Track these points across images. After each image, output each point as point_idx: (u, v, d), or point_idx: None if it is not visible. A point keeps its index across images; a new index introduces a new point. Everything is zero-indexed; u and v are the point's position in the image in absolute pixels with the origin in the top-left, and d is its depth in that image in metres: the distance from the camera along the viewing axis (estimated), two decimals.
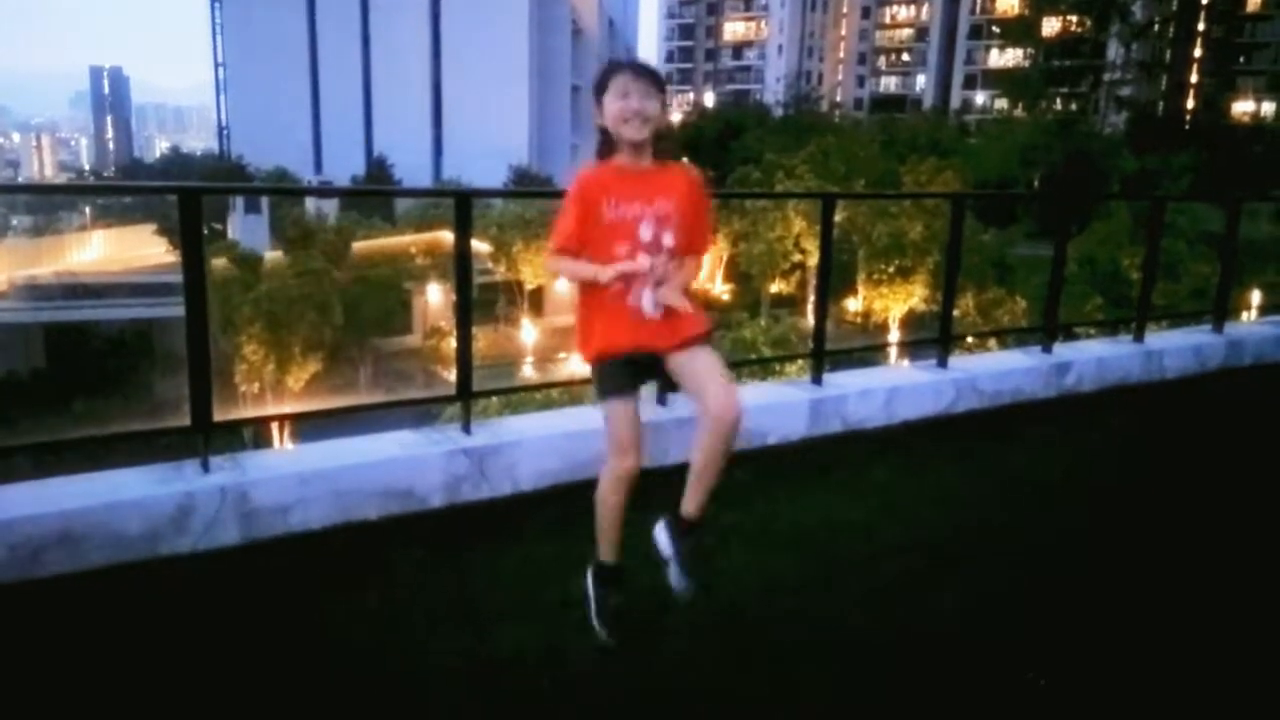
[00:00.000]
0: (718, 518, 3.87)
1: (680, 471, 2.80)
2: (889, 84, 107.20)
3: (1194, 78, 73.49)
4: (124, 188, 51.52)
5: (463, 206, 3.93)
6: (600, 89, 2.75)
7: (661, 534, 2.80)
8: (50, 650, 2.81)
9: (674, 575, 2.75)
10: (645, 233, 2.71)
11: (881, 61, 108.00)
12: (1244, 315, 9.16)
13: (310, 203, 42.69)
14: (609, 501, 2.80)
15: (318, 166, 72.59)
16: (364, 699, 2.62)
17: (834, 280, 5.58)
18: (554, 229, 2.78)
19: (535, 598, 3.14)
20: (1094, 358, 6.24)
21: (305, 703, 2.62)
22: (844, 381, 5.25)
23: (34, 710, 2.56)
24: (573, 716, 2.59)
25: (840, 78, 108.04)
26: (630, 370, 2.79)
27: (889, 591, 3.35)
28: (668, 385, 2.96)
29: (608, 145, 2.77)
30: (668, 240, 2.73)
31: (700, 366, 2.73)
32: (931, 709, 2.71)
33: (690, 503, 2.76)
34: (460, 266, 4.04)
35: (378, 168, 63.82)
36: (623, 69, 2.74)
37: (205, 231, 3.65)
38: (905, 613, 3.21)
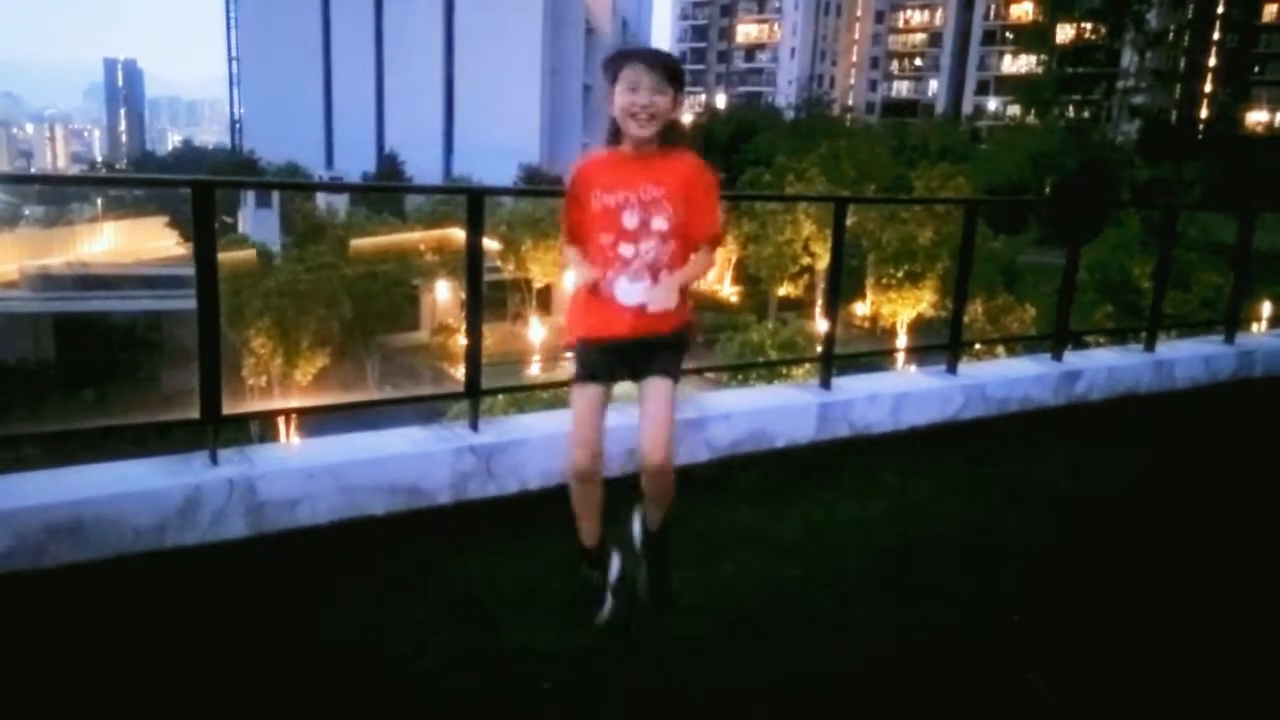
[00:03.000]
0: (723, 519, 3.88)
1: (686, 474, 2.82)
2: (901, 89, 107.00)
3: (1208, 87, 73.28)
4: (138, 180, 51.75)
5: (475, 204, 3.93)
6: (612, 75, 2.67)
7: (636, 527, 2.93)
8: (57, 640, 2.82)
9: (641, 578, 2.90)
10: (629, 220, 2.67)
11: (894, 66, 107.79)
12: (1255, 326, 9.11)
13: (321, 198, 42.83)
14: (573, 490, 2.82)
15: (329, 162, 72.78)
16: (368, 694, 2.62)
17: (843, 284, 5.56)
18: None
19: (540, 596, 3.14)
20: (1104, 367, 6.22)
21: (309, 696, 2.62)
22: (852, 386, 5.23)
23: (40, 699, 2.56)
24: (576, 715, 2.59)
25: (852, 81, 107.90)
26: (606, 360, 2.77)
27: (894, 595, 3.34)
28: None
29: (616, 132, 2.71)
30: (658, 224, 2.67)
31: (647, 397, 2.74)
32: (936, 711, 2.70)
33: (648, 518, 2.89)
34: (472, 264, 4.04)
35: (389, 164, 63.96)
36: (635, 58, 2.65)
37: (216, 225, 3.65)
38: (910, 617, 3.20)
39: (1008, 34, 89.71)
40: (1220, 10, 73.87)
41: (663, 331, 2.74)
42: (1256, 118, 72.44)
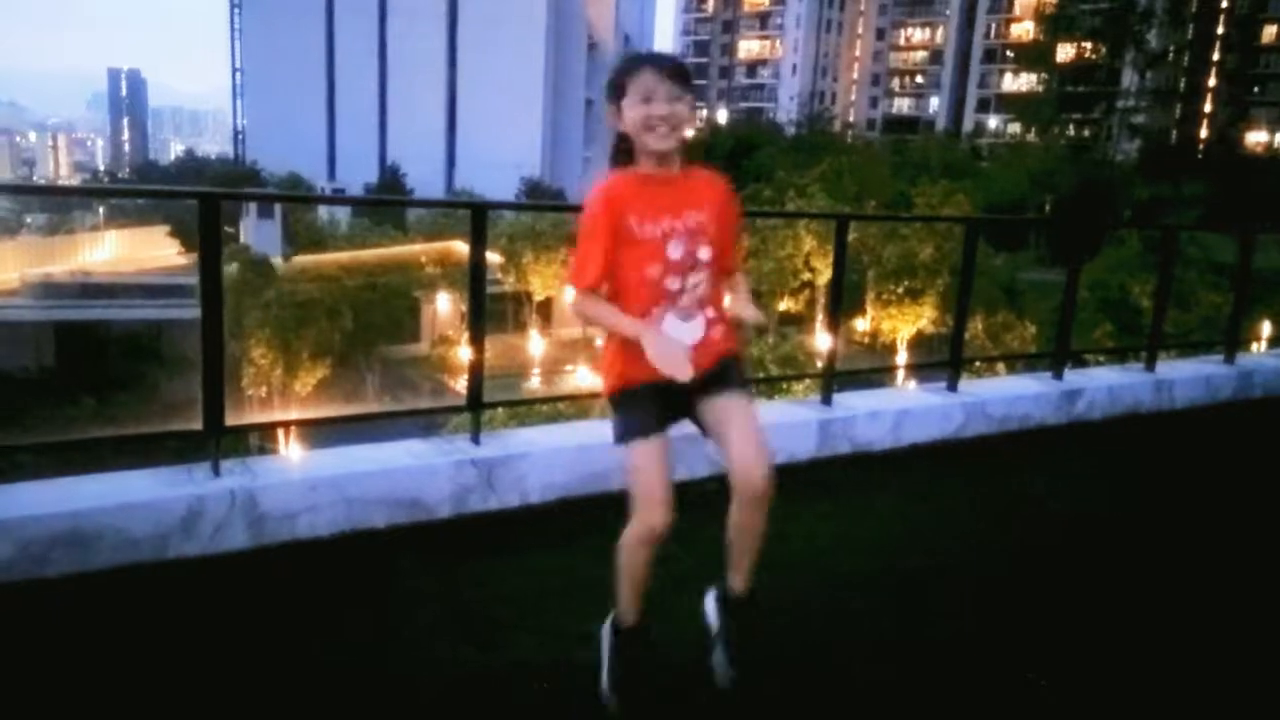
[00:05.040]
0: (720, 536, 3.87)
1: (685, 490, 2.78)
2: (902, 105, 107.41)
3: (1208, 107, 73.59)
4: (145, 191, 52.03)
5: (479, 218, 3.95)
6: (618, 90, 2.37)
7: (711, 605, 2.56)
8: (58, 650, 2.82)
9: (717, 655, 2.52)
10: (675, 251, 2.37)
11: (895, 83, 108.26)
12: (1255, 346, 9.13)
13: (323, 209, 42.93)
14: (634, 559, 2.41)
15: (331, 173, 72.94)
16: (366, 707, 2.62)
17: (843, 300, 5.58)
18: (575, 262, 2.40)
19: (540, 610, 3.14)
20: (1104, 385, 6.23)
21: (308, 709, 2.62)
22: (853, 403, 5.24)
23: (41, 710, 2.56)
24: None
25: (853, 98, 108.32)
26: (656, 403, 2.41)
27: (894, 612, 3.34)
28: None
29: (624, 153, 2.41)
30: (704, 255, 2.40)
31: (727, 414, 2.43)
32: None
33: (734, 577, 2.52)
34: (475, 278, 4.06)
35: (391, 176, 64.14)
36: (645, 66, 2.34)
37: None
38: (908, 634, 3.20)
39: (1008, 52, 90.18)
40: (1220, 31, 74.26)
41: (720, 355, 2.47)
42: (1256, 138, 72.68)
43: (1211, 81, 74.86)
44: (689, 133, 2.42)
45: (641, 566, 2.42)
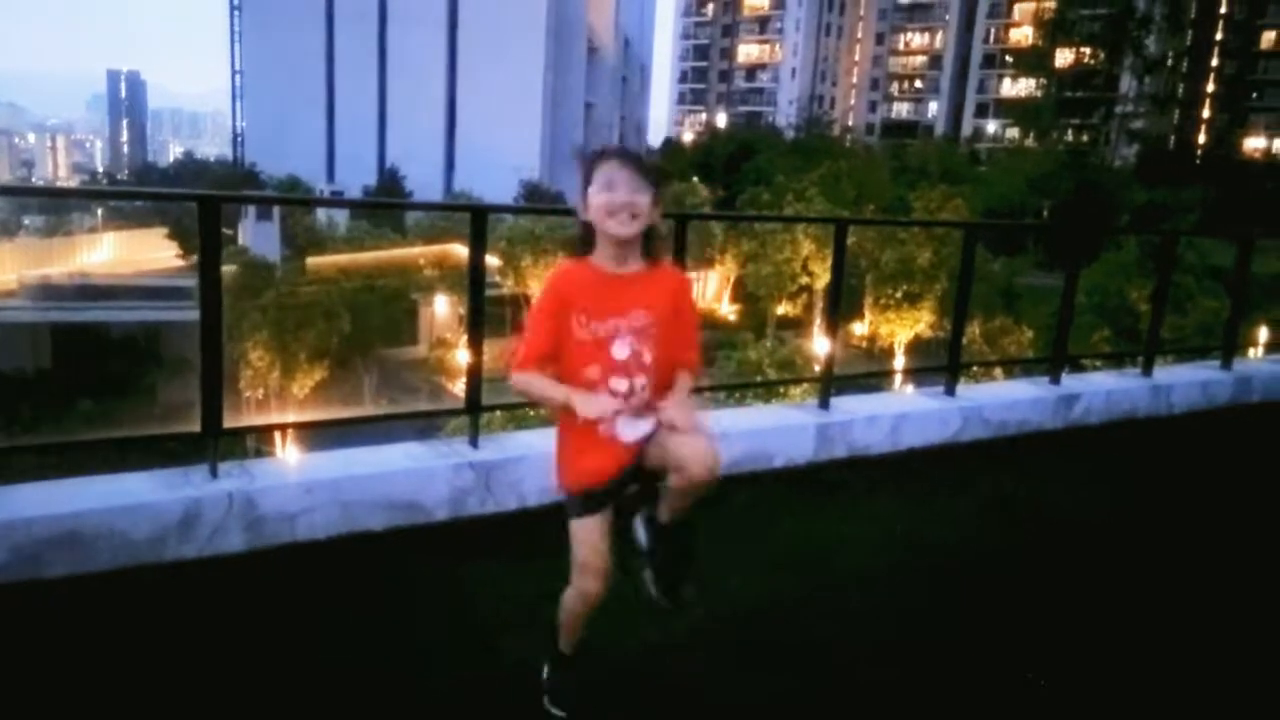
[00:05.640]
0: (721, 538, 3.88)
1: None
2: (901, 110, 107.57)
3: (1206, 112, 73.75)
4: (145, 194, 51.87)
5: (479, 221, 3.95)
6: (585, 179, 2.41)
7: (639, 527, 2.59)
8: (55, 651, 2.82)
9: (647, 574, 2.58)
10: (620, 351, 2.38)
11: (894, 87, 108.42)
12: (1252, 352, 9.14)
13: (321, 212, 42.91)
14: (570, 615, 2.55)
15: (330, 176, 72.90)
16: (365, 709, 2.62)
17: (841, 304, 5.59)
18: (523, 339, 2.44)
19: (537, 612, 3.13)
20: (1102, 390, 6.24)
21: (306, 711, 2.62)
22: (851, 406, 5.25)
23: (38, 711, 2.56)
24: None
25: (852, 102, 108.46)
26: (610, 495, 2.46)
27: (892, 614, 3.34)
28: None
29: (586, 241, 2.43)
30: (648, 358, 2.40)
31: (676, 418, 2.38)
32: None
33: (664, 510, 2.54)
34: (474, 281, 4.06)
35: (390, 179, 64.09)
36: (609, 158, 2.39)
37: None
38: (908, 635, 3.20)
39: (1007, 58, 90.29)
40: (1218, 37, 74.45)
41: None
42: (1254, 144, 72.80)
43: (1210, 87, 75.05)
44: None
45: (577, 618, 2.57)
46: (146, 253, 47.82)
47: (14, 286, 35.61)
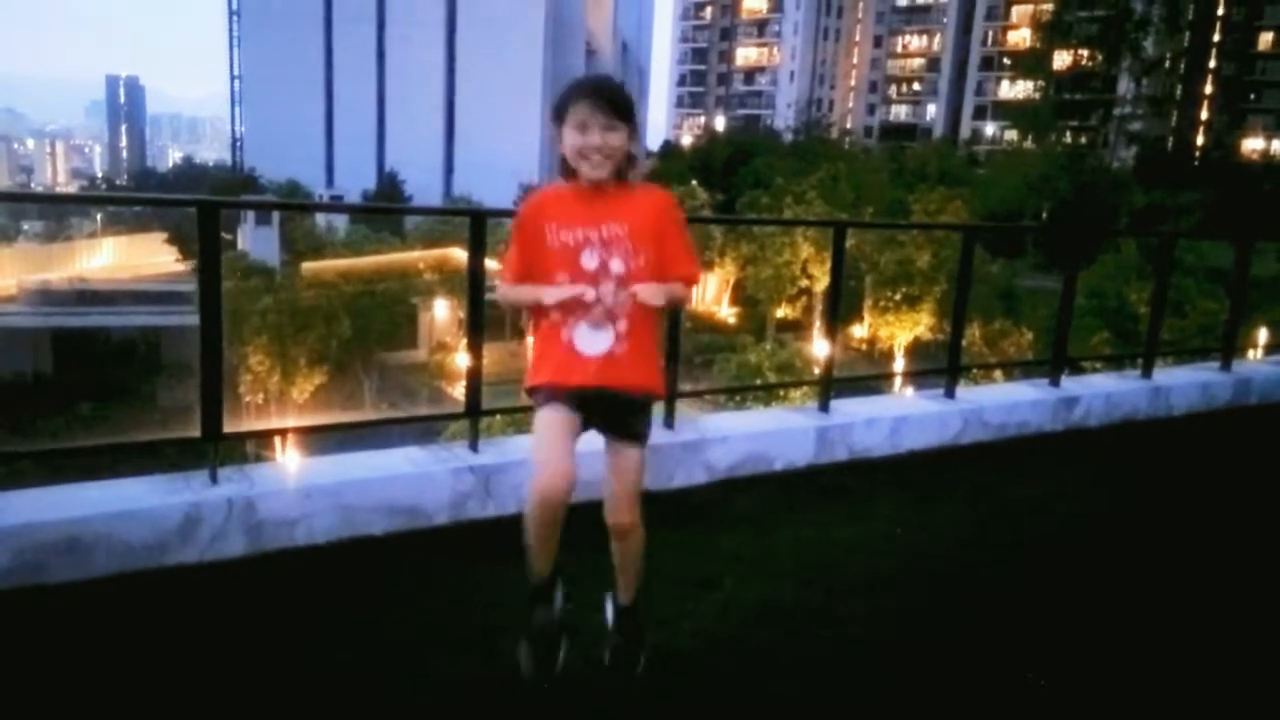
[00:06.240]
0: (721, 542, 3.88)
1: (685, 497, 2.80)
2: (899, 112, 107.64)
3: (1204, 114, 73.81)
4: (144, 199, 52.01)
5: (478, 226, 3.96)
6: (559, 113, 2.44)
7: (609, 607, 2.78)
8: (55, 658, 2.81)
9: (608, 647, 2.74)
10: (589, 260, 2.43)
11: (892, 90, 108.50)
12: (1251, 353, 9.14)
13: (320, 216, 42.95)
14: (533, 519, 2.45)
15: (329, 180, 72.98)
16: (365, 713, 2.62)
17: (841, 307, 5.59)
18: (506, 256, 2.57)
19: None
20: (1101, 392, 6.24)
21: (306, 716, 2.62)
22: (851, 409, 5.25)
23: (38, 717, 2.56)
24: None
25: (851, 105, 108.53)
26: (572, 402, 2.46)
27: (888, 619, 3.34)
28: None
29: (569, 169, 2.48)
30: (616, 267, 2.42)
31: (617, 461, 2.56)
32: None
33: (619, 590, 2.72)
34: (474, 285, 4.06)
35: (389, 183, 64.16)
36: (583, 95, 2.41)
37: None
38: (908, 636, 3.20)
39: (1005, 60, 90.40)
40: (1216, 38, 74.54)
41: (630, 393, 2.50)
42: (1252, 145, 72.84)
43: (1208, 89, 75.13)
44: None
45: (542, 528, 2.46)
46: (146, 258, 47.88)
47: (14, 292, 35.62)
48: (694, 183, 48.93)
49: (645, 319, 2.49)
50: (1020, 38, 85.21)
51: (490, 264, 4.21)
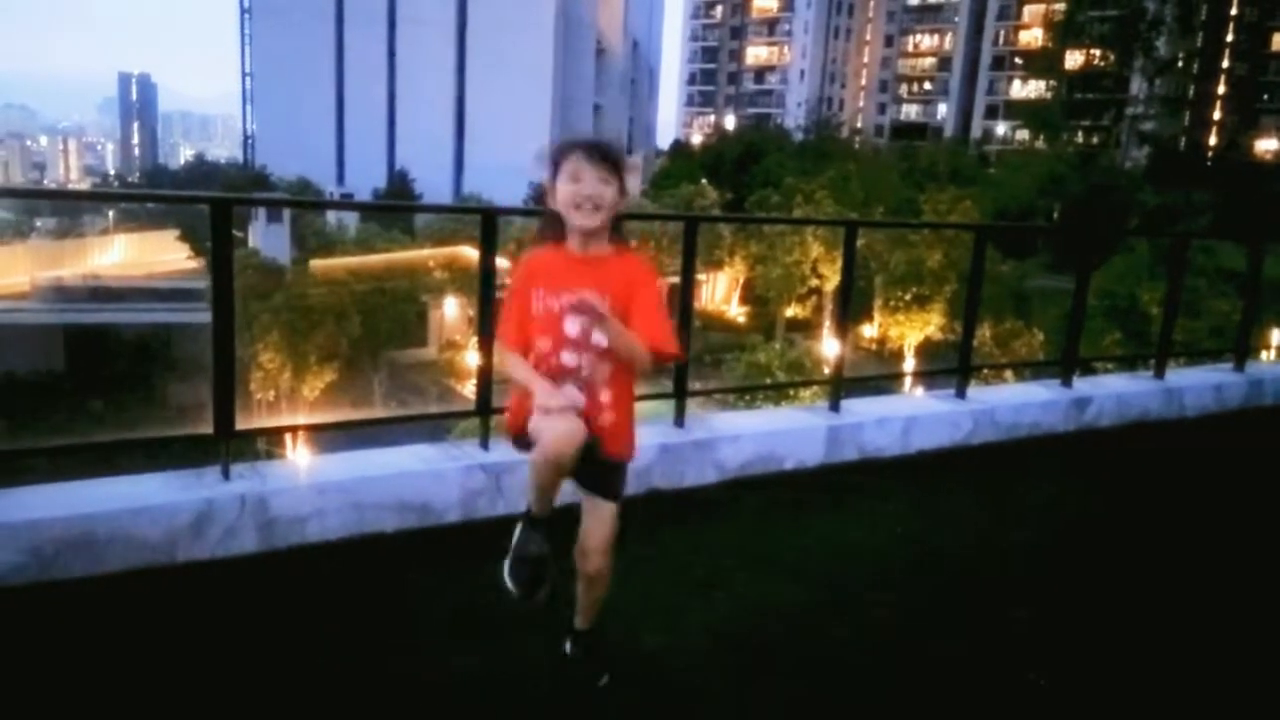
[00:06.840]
0: (731, 541, 3.88)
1: (695, 495, 2.79)
2: (910, 112, 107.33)
3: (1217, 114, 73.41)
4: (156, 196, 52.20)
5: (489, 224, 3.97)
6: (553, 168, 2.51)
7: (567, 642, 2.83)
8: (68, 653, 2.83)
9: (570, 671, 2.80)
10: (571, 327, 2.47)
11: (903, 89, 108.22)
12: (1265, 354, 9.09)
13: (331, 214, 43.03)
14: (540, 468, 2.50)
15: (340, 178, 73.11)
16: (375, 710, 2.62)
17: (851, 306, 5.58)
18: (502, 315, 2.61)
19: (549, 614, 3.14)
20: (1114, 393, 6.21)
21: (317, 711, 2.63)
22: (862, 409, 5.24)
23: (51, 711, 2.57)
24: None
25: (861, 104, 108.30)
26: None
27: (900, 618, 3.33)
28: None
29: (551, 228, 2.54)
30: (599, 338, 2.45)
31: (592, 516, 2.65)
32: None
33: (579, 617, 2.78)
34: (484, 283, 4.06)
35: (399, 181, 64.24)
36: (576, 149, 2.48)
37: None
38: (914, 635, 3.19)
39: (1017, 59, 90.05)
40: (1229, 38, 74.12)
41: (607, 454, 2.56)
42: (1265, 145, 72.40)
43: (1221, 89, 74.70)
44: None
45: (542, 477, 2.53)
46: (158, 255, 48.09)
47: (27, 288, 35.82)
48: (704, 181, 48.91)
49: (625, 388, 2.57)
50: (1032, 37, 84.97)
51: (501, 262, 4.21)
